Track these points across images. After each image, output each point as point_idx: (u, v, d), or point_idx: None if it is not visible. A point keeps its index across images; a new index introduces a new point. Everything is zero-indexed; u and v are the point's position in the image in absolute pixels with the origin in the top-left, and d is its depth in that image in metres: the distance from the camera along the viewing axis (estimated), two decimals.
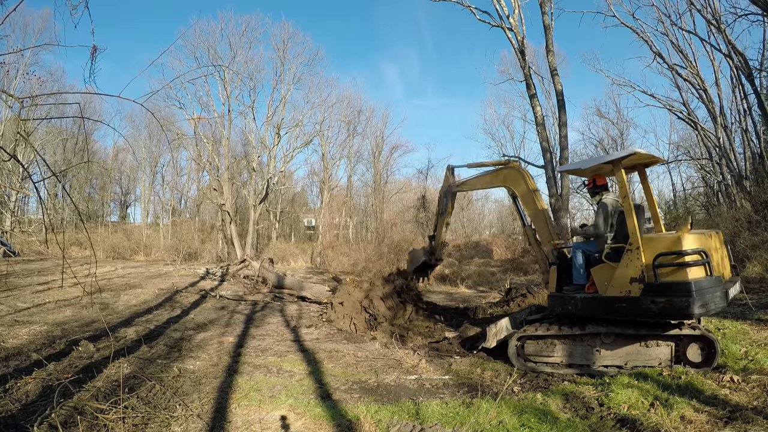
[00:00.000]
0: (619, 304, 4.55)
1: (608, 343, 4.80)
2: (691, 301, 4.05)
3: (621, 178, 4.75)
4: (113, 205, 41.54)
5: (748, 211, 12.72)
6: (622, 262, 4.58)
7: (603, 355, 4.82)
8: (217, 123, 25.90)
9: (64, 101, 16.14)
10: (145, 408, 3.73)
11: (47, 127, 28.55)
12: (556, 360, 5.07)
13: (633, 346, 4.70)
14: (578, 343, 4.97)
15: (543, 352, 5.14)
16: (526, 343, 5.21)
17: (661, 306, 4.23)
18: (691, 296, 4.06)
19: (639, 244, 4.44)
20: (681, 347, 4.52)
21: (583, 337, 4.92)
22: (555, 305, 5.23)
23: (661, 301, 4.23)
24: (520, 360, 5.18)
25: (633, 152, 4.65)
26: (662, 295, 4.22)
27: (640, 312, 4.39)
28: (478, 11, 16.28)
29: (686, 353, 4.47)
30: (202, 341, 6.44)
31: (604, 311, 4.70)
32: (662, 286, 4.24)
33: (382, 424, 3.60)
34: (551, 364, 5.07)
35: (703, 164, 22.92)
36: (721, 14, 15.77)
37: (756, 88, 14.97)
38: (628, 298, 4.48)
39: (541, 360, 5.13)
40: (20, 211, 29.96)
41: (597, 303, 4.79)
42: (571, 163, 5.67)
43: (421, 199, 26.52)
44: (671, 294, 4.17)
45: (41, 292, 9.71)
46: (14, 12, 2.45)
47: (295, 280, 11.55)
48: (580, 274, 5.19)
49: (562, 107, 14.93)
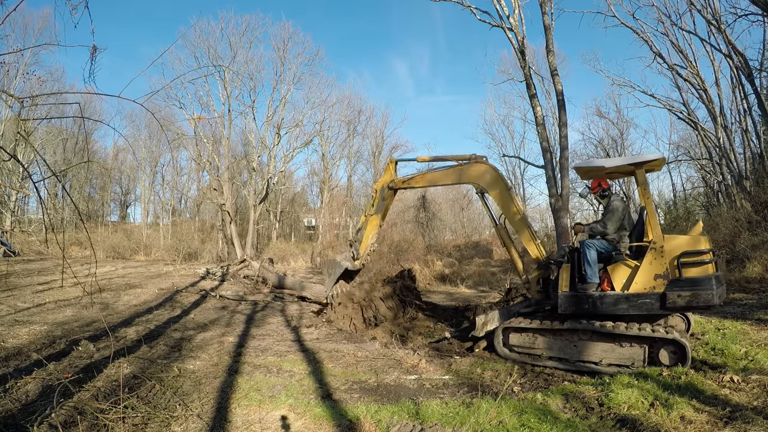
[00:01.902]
0: (643, 300, 4.79)
1: (585, 339, 5.08)
2: (714, 294, 4.54)
3: (643, 180, 5.02)
4: (113, 205, 41.60)
5: (748, 211, 12.72)
6: (646, 260, 4.84)
7: (579, 350, 5.10)
8: (217, 123, 25.92)
9: (64, 101, 16.15)
10: (145, 408, 3.73)
11: (47, 127, 28.55)
12: (537, 352, 5.42)
13: (608, 345, 4.94)
14: (558, 337, 5.28)
15: (525, 344, 5.54)
16: (510, 334, 5.63)
17: (688, 299, 4.62)
18: (713, 289, 4.54)
19: (662, 243, 4.79)
20: (654, 349, 4.72)
21: (563, 332, 5.21)
22: (568, 304, 5.16)
23: (687, 295, 4.62)
24: (505, 350, 5.64)
25: (661, 156, 4.94)
26: (687, 289, 4.63)
27: (665, 306, 4.71)
28: (478, 11, 16.27)
29: (658, 355, 4.70)
30: (203, 341, 6.44)
31: (623, 308, 4.88)
32: (687, 281, 4.65)
33: (382, 424, 3.60)
34: (533, 356, 5.44)
35: (703, 164, 22.92)
36: (721, 14, 15.77)
37: (756, 88, 14.97)
38: (653, 293, 4.76)
39: (524, 351, 5.53)
40: (20, 211, 29.95)
41: (615, 300, 4.91)
42: (588, 160, 5.77)
43: (421, 199, 26.49)
44: (695, 287, 4.61)
45: (41, 292, 9.70)
46: (14, 12, 2.45)
47: (295, 280, 11.55)
48: (594, 272, 5.14)
49: (562, 107, 14.92)
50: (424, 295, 9.88)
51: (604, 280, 5.09)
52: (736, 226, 11.71)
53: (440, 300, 11.02)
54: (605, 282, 5.08)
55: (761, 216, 11.63)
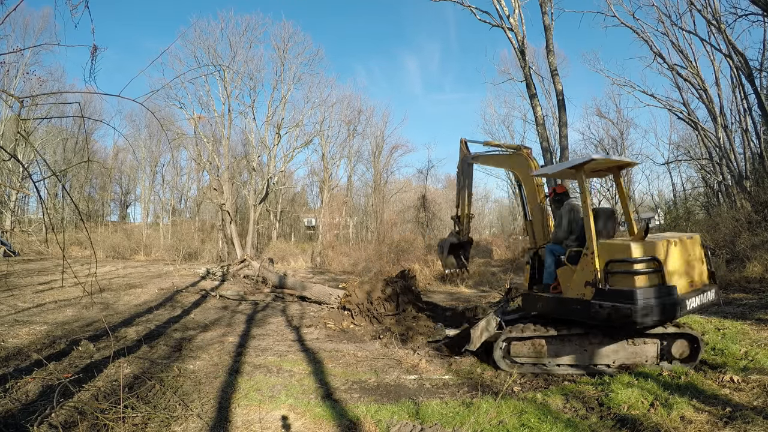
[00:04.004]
0: (575, 306, 4.64)
1: (595, 343, 4.81)
2: (634, 310, 4.01)
3: (581, 183, 4.81)
4: (113, 205, 41.61)
5: (748, 211, 12.71)
6: (579, 266, 4.68)
7: (590, 353, 4.86)
8: (217, 123, 25.93)
9: (64, 101, 16.14)
10: (145, 408, 3.73)
11: (47, 127, 28.59)
12: (543, 361, 5.01)
13: (619, 344, 4.74)
14: (566, 342, 4.95)
15: (531, 353, 5.08)
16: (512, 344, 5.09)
17: (608, 312, 4.25)
18: (635, 304, 4.02)
19: (594, 249, 4.48)
20: (667, 344, 4.60)
21: (571, 336, 4.90)
22: (525, 304, 5.47)
23: (608, 307, 4.24)
24: (506, 362, 5.06)
25: (591, 159, 4.73)
26: (609, 300, 4.24)
27: (590, 315, 4.44)
28: (479, 11, 16.30)
29: (671, 350, 4.57)
30: (203, 341, 6.44)
31: (564, 312, 4.81)
32: (610, 292, 4.26)
33: (382, 423, 3.60)
34: (539, 365, 4.99)
35: (703, 164, 22.94)
36: (721, 14, 15.77)
37: (756, 88, 14.97)
38: (582, 300, 4.55)
39: (529, 362, 5.05)
40: (20, 211, 29.97)
41: (558, 303, 4.90)
42: (542, 168, 5.69)
43: (422, 199, 26.52)
44: (617, 300, 4.18)
45: (42, 292, 9.71)
46: (14, 12, 2.45)
47: (296, 280, 11.55)
48: (549, 275, 5.30)
49: (563, 107, 14.93)
50: (424, 295, 9.88)
51: (557, 284, 5.11)
52: (736, 226, 11.69)
53: (440, 300, 11.02)
54: (557, 285, 5.10)
55: (761, 216, 11.62)
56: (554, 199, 5.64)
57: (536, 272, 5.61)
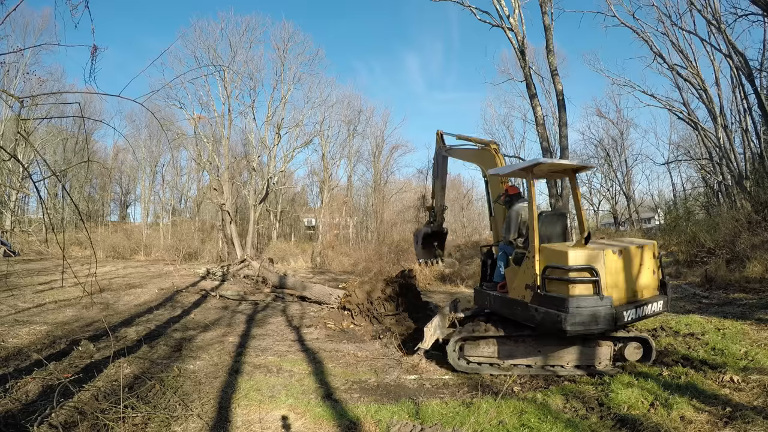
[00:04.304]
0: (517, 307, 4.69)
1: (550, 344, 4.82)
2: (564, 317, 4.00)
3: (529, 186, 4.82)
4: (113, 205, 41.60)
5: (748, 211, 12.71)
6: (522, 268, 4.71)
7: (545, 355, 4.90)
8: (217, 123, 25.94)
9: (65, 101, 16.13)
10: (146, 408, 3.73)
11: (47, 127, 28.57)
12: (496, 362, 5.04)
13: (575, 347, 4.81)
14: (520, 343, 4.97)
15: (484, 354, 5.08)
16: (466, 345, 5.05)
17: (541, 316, 4.29)
18: (566, 312, 3.99)
19: (535, 253, 4.47)
20: (621, 347, 4.73)
21: (525, 338, 4.90)
22: (476, 299, 5.64)
23: (542, 312, 4.28)
24: (461, 363, 5.02)
25: (538, 162, 4.74)
26: (544, 305, 4.27)
27: (527, 318, 4.50)
28: (479, 11, 16.30)
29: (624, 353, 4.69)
30: (203, 341, 6.44)
31: (508, 312, 4.87)
32: (546, 297, 4.28)
33: (382, 423, 3.60)
34: (493, 366, 5.01)
35: (703, 164, 22.95)
36: (721, 14, 15.79)
37: (756, 88, 14.97)
38: (522, 302, 4.60)
39: (483, 362, 5.05)
40: (20, 211, 29.95)
41: (502, 302, 4.96)
42: (498, 168, 5.70)
43: (422, 198, 26.45)
44: (550, 306, 4.19)
45: (42, 292, 9.70)
46: (14, 12, 2.45)
47: (296, 280, 11.55)
48: (499, 274, 5.37)
49: (563, 107, 14.93)
50: (424, 295, 9.86)
51: (504, 283, 5.16)
52: (736, 226, 11.68)
53: (441, 300, 11.01)
54: (504, 284, 5.16)
55: (761, 216, 11.61)
56: (505, 200, 5.67)
57: (489, 269, 5.70)
